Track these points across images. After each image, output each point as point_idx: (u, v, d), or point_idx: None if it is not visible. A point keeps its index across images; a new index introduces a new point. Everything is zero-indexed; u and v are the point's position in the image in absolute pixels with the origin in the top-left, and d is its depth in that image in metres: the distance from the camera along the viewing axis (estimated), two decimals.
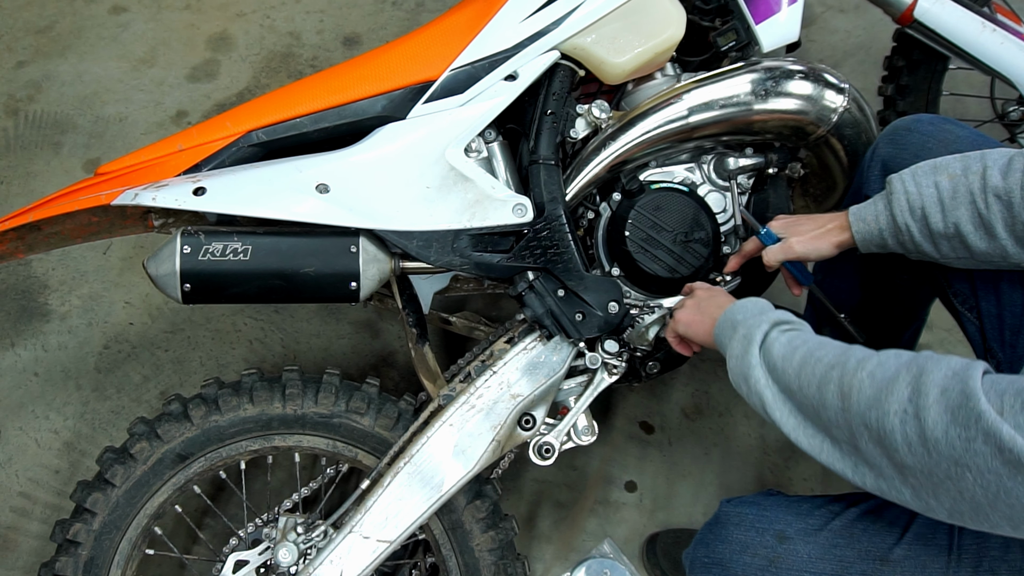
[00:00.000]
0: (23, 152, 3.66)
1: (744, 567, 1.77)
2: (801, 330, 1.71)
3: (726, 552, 1.81)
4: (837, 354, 1.56)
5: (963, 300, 2.12)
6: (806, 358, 1.59)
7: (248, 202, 1.99)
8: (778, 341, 1.66)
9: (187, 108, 3.77)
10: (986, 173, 1.78)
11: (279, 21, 4.00)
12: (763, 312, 1.77)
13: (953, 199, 1.81)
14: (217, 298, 2.05)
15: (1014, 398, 1.31)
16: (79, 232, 2.20)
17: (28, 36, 3.98)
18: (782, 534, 1.77)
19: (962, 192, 1.81)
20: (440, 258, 2.08)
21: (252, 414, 2.27)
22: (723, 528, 1.84)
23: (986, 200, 1.78)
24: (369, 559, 2.11)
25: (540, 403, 2.18)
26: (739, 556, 1.79)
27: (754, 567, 1.77)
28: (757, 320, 1.74)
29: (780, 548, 1.76)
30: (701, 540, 1.88)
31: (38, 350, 3.22)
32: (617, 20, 2.18)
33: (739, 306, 1.83)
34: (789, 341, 1.65)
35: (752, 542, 1.79)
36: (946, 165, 1.86)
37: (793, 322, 1.74)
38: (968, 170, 1.82)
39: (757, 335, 1.70)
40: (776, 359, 1.64)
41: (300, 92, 2.21)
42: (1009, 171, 1.75)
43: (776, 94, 2.15)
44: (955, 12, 2.69)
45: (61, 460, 3.00)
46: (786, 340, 1.65)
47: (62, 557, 2.22)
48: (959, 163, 1.85)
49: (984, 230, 1.80)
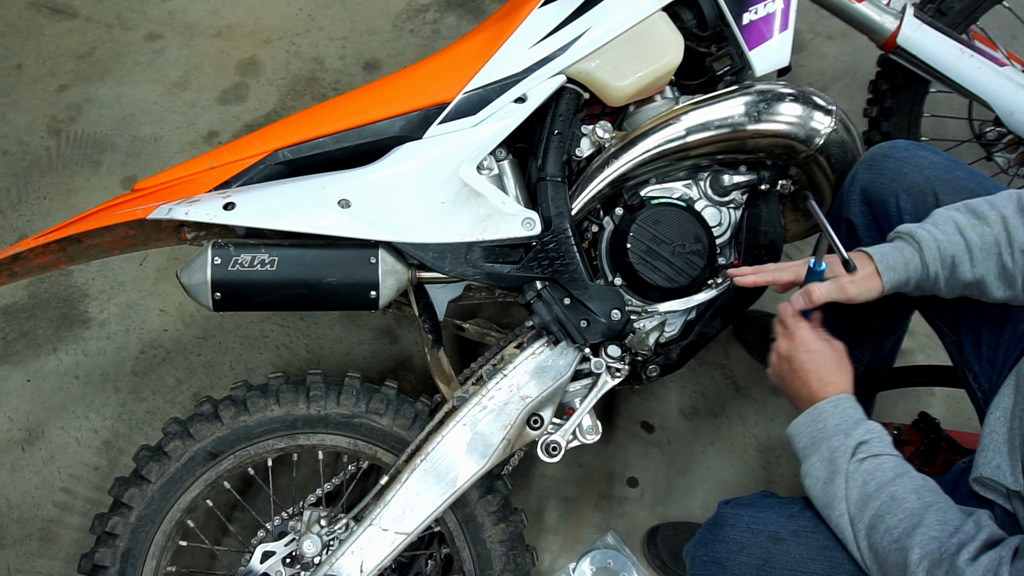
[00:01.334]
0: (65, 170, 3.67)
1: (740, 566, 1.78)
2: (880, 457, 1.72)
3: (723, 552, 1.81)
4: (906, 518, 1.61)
5: (940, 316, 2.12)
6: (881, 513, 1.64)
7: (275, 216, 2.00)
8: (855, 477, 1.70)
9: (218, 129, 3.77)
10: (1008, 225, 1.78)
11: (304, 47, 4.00)
12: (847, 433, 1.76)
13: (983, 250, 1.80)
14: (246, 306, 2.06)
15: None
16: (117, 244, 2.20)
17: (69, 61, 3.99)
18: (776, 535, 1.77)
19: (989, 243, 1.80)
20: (454, 269, 2.08)
21: (278, 414, 2.28)
22: (721, 529, 1.85)
23: (1012, 254, 1.78)
24: (388, 550, 2.11)
25: (547, 404, 2.19)
26: (735, 556, 1.79)
27: (750, 567, 1.77)
28: (842, 443, 1.75)
29: (774, 549, 1.76)
30: (701, 540, 1.88)
31: (79, 355, 3.23)
32: (619, 46, 2.18)
33: (825, 413, 1.82)
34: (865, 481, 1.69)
35: (748, 543, 1.79)
36: (961, 213, 1.85)
37: (872, 441, 1.74)
38: (986, 219, 1.81)
39: (841, 465, 1.72)
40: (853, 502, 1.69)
41: (323, 114, 2.22)
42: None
43: (768, 115, 2.15)
44: (935, 39, 2.69)
45: (100, 458, 3.01)
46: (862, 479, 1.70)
47: (101, 548, 2.22)
48: (969, 211, 1.85)
49: (1005, 280, 1.81)
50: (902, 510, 1.61)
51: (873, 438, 1.73)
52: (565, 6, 2.20)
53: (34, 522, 2.90)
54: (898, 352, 2.68)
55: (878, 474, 1.68)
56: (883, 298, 2.43)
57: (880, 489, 1.65)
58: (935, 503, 1.61)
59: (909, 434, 2.69)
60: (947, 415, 2.81)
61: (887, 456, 1.71)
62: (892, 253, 1.88)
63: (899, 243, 1.90)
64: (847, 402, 1.83)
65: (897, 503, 1.62)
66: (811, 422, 1.82)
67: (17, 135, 3.76)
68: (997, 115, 2.70)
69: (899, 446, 2.67)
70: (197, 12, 4.15)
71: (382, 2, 4.15)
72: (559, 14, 2.20)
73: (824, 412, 1.82)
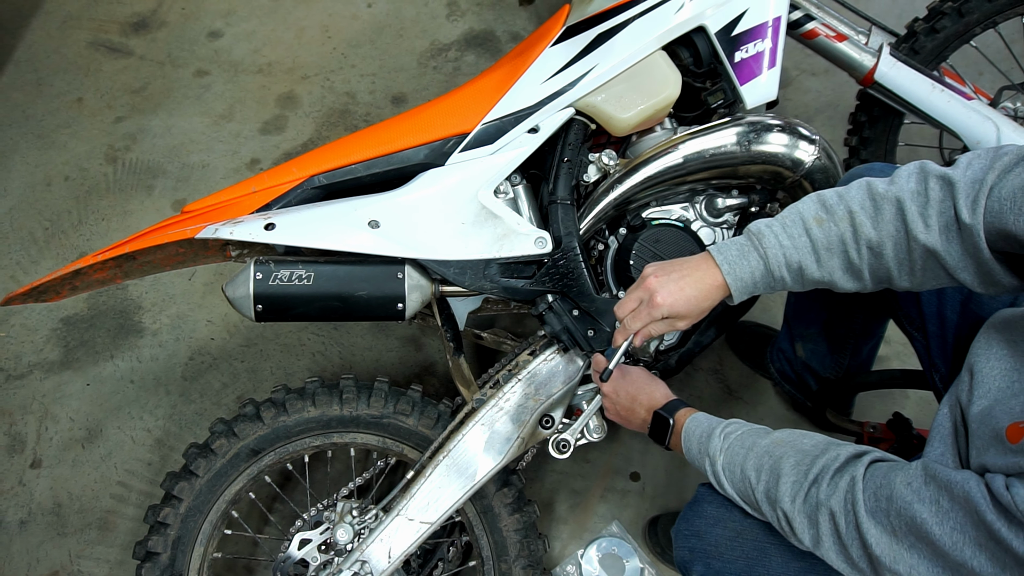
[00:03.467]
0: (121, 194, 3.68)
1: (717, 537, 1.80)
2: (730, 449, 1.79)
3: (702, 525, 1.83)
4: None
5: (911, 322, 2.11)
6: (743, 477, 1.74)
7: (311, 235, 2.00)
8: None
9: (259, 156, 3.78)
10: (854, 220, 1.67)
11: (337, 83, 4.01)
12: (702, 444, 1.86)
13: (828, 249, 1.70)
14: (285, 317, 2.06)
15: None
16: (168, 261, 2.21)
17: (125, 96, 4.01)
18: (745, 511, 1.78)
19: (835, 241, 1.70)
20: (473, 283, 2.09)
21: (314, 415, 2.28)
22: (699, 505, 1.87)
23: (858, 249, 1.67)
24: (413, 538, 2.12)
25: (558, 406, 2.19)
26: (712, 528, 1.81)
27: (725, 537, 1.79)
28: (701, 454, 1.86)
29: (745, 522, 1.78)
30: (683, 516, 1.90)
31: (133, 361, 3.23)
32: (623, 82, 2.19)
33: (687, 435, 1.93)
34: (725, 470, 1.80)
35: (723, 517, 1.81)
36: (810, 209, 1.74)
37: (720, 444, 1.82)
38: (833, 214, 1.70)
39: (708, 469, 1.83)
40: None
41: (355, 143, 2.22)
42: (879, 220, 1.65)
43: (758, 144, 2.15)
44: (909, 75, 2.69)
45: (153, 454, 3.02)
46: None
47: (154, 536, 2.23)
48: (819, 205, 1.73)
49: (852, 274, 1.71)
50: (763, 474, 1.68)
51: (719, 442, 1.82)
52: (574, 45, 2.21)
53: (93, 513, 2.91)
54: (875, 357, 2.68)
55: (735, 460, 1.75)
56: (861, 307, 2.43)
57: (742, 472, 1.72)
58: (785, 453, 1.66)
59: (884, 432, 2.69)
60: (919, 415, 2.79)
61: (734, 443, 1.78)
62: (739, 262, 1.77)
63: (746, 247, 1.77)
64: (692, 423, 1.93)
65: (757, 473, 1.69)
66: (689, 457, 1.92)
67: (78, 162, 3.78)
68: (965, 144, 2.69)
69: (875, 443, 2.69)
70: (241, 51, 4.16)
71: (408, 42, 4.16)
72: (568, 53, 2.21)
73: (685, 443, 1.92)
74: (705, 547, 1.81)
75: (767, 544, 1.74)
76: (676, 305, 1.77)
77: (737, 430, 1.80)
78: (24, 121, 3.93)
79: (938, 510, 1.39)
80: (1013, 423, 1.46)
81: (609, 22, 2.21)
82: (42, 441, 3.06)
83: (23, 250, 3.52)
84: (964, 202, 1.52)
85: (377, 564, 2.12)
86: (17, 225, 3.59)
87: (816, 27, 2.71)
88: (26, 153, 3.82)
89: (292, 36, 4.22)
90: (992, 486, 1.33)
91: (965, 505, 1.35)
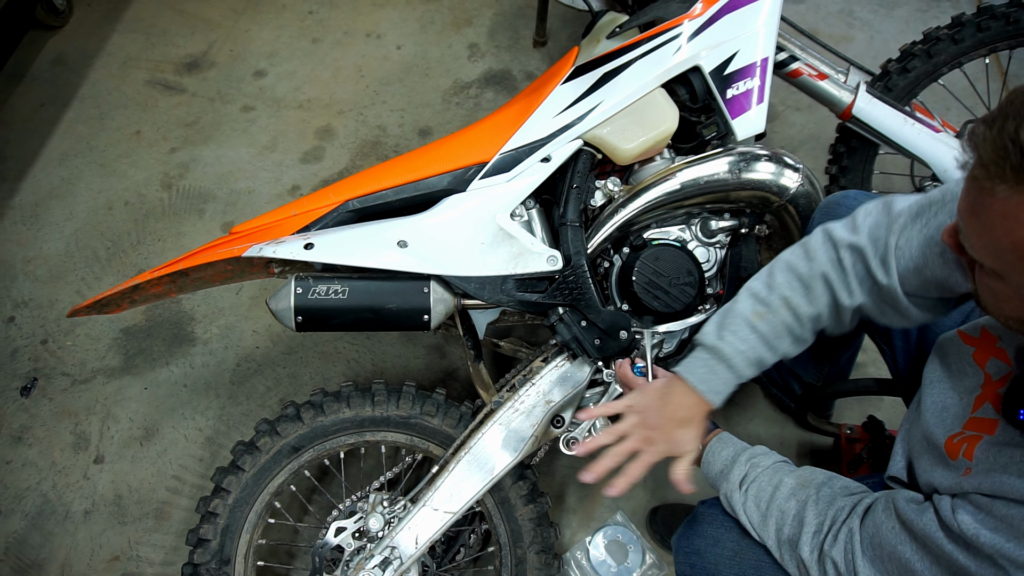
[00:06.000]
0: (175, 217, 3.70)
1: (716, 557, 1.77)
2: (758, 481, 1.73)
3: (702, 544, 1.80)
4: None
5: (880, 336, 2.12)
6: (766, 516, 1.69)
7: (346, 254, 2.01)
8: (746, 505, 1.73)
9: (300, 183, 3.79)
10: (790, 304, 1.74)
11: (370, 117, 4.02)
12: (726, 467, 1.79)
13: (777, 337, 1.76)
14: (322, 327, 2.07)
15: None
16: (217, 277, 2.22)
17: (179, 128, 4.03)
18: (744, 531, 1.76)
19: (779, 330, 1.76)
20: (492, 297, 2.09)
21: (349, 416, 2.29)
22: (699, 525, 1.84)
23: (802, 326, 1.76)
24: (438, 526, 2.12)
25: (568, 407, 2.19)
26: (711, 548, 1.78)
27: (724, 557, 1.76)
28: (722, 475, 1.79)
29: (743, 542, 1.75)
30: (683, 533, 1.88)
31: (186, 367, 3.25)
32: (626, 116, 2.19)
33: (711, 454, 1.85)
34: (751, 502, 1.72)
35: (721, 537, 1.78)
36: (748, 308, 1.79)
37: (748, 471, 1.75)
38: (770, 306, 1.76)
39: (724, 490, 1.77)
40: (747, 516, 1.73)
41: (385, 171, 2.23)
42: (812, 297, 1.73)
43: (747, 172, 2.15)
44: (884, 110, 2.69)
45: (204, 451, 3.03)
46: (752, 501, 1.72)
47: (205, 525, 2.24)
48: (755, 301, 1.79)
49: (801, 343, 1.80)
50: (789, 518, 1.64)
51: (743, 469, 1.76)
52: (582, 83, 2.22)
53: (150, 503, 2.92)
54: (853, 364, 2.68)
55: (761, 496, 1.70)
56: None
57: (768, 509, 1.68)
58: (809, 498, 1.64)
59: (860, 433, 2.69)
60: (892, 417, 2.79)
61: (760, 477, 1.73)
62: (710, 378, 1.79)
63: (710, 362, 1.79)
64: (718, 444, 1.85)
65: (781, 515, 1.65)
66: (708, 475, 1.85)
67: (136, 189, 3.79)
68: (934, 172, 2.69)
69: (851, 443, 2.69)
70: (283, 88, 4.18)
71: (433, 80, 4.17)
72: (577, 90, 2.22)
73: (708, 460, 1.85)
74: (705, 564, 1.79)
75: (763, 563, 1.72)
76: (673, 435, 1.82)
77: (763, 462, 1.76)
78: (88, 152, 3.95)
79: (916, 548, 1.42)
80: (948, 437, 1.48)
81: (614, 62, 2.22)
82: (104, 439, 3.08)
83: (87, 268, 3.54)
84: (876, 266, 1.64)
85: (405, 549, 2.12)
86: (82, 245, 3.61)
87: (800, 67, 2.72)
88: (90, 180, 3.84)
89: (329, 75, 4.24)
90: (942, 514, 1.36)
91: (927, 541, 1.39)
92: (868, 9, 4.30)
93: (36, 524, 2.89)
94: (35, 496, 2.95)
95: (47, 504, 2.93)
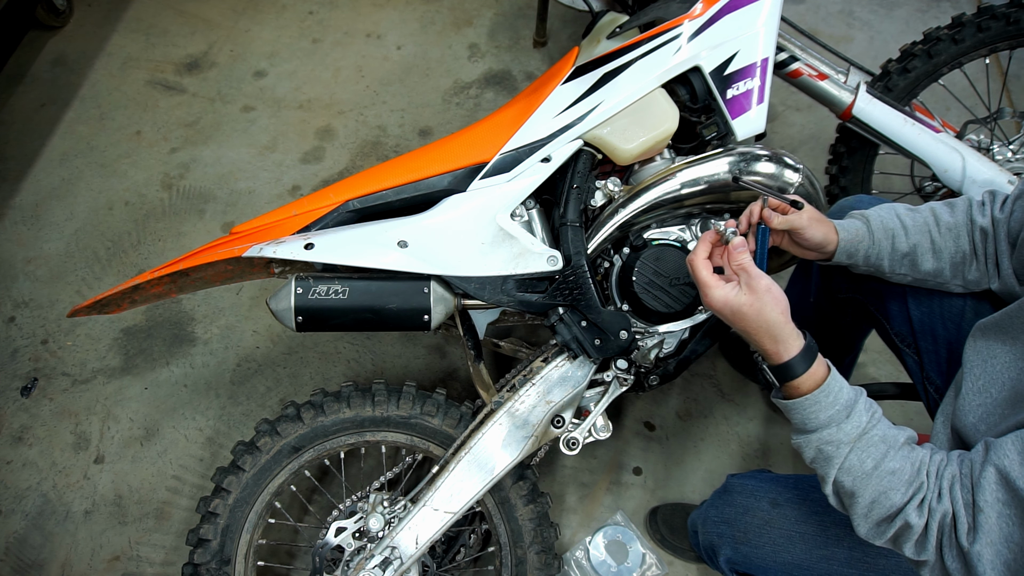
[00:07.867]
0: (175, 217, 3.70)
1: (746, 525, 1.82)
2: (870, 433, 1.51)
3: (732, 513, 1.85)
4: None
5: (902, 339, 2.10)
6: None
7: (346, 254, 2.00)
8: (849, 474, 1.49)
9: (300, 183, 3.79)
10: (935, 211, 1.86)
11: (370, 117, 4.03)
12: (848, 407, 1.52)
13: (915, 228, 1.85)
14: (322, 327, 2.07)
15: None
16: (218, 277, 2.22)
17: (179, 129, 4.03)
18: (775, 501, 1.80)
19: (920, 224, 1.86)
20: (492, 297, 2.09)
21: (349, 416, 2.29)
22: (729, 495, 1.89)
23: (939, 230, 1.84)
24: (438, 526, 2.12)
25: (568, 407, 2.19)
26: (742, 517, 1.83)
27: (754, 525, 1.81)
28: (836, 417, 1.51)
29: (773, 512, 1.79)
30: (712, 503, 1.93)
31: (187, 367, 3.25)
32: (626, 116, 2.19)
33: (818, 405, 1.51)
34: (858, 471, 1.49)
35: (752, 506, 1.83)
36: (894, 206, 1.93)
37: (864, 419, 1.52)
38: (917, 209, 1.89)
39: (835, 459, 1.50)
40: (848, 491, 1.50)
41: (386, 171, 2.23)
42: (954, 211, 1.85)
43: (747, 172, 2.15)
44: (884, 110, 2.69)
45: (204, 451, 3.02)
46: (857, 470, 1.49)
47: (205, 525, 2.24)
48: (905, 207, 1.91)
49: (934, 254, 1.85)
50: (901, 482, 1.44)
51: (865, 419, 1.51)
52: (582, 84, 2.22)
53: (150, 503, 2.92)
54: (854, 367, 2.68)
55: (872, 451, 1.48)
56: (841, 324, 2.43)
57: (876, 467, 1.46)
58: (921, 458, 1.46)
59: None
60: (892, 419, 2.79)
61: (876, 429, 1.51)
62: (846, 222, 1.91)
63: (849, 219, 1.93)
64: (833, 384, 1.52)
65: (896, 476, 1.44)
66: (806, 412, 1.51)
67: (137, 188, 3.79)
68: (934, 172, 2.69)
69: None
70: (283, 89, 4.18)
71: (433, 80, 4.17)
72: (577, 90, 2.21)
73: (819, 397, 1.51)
74: (734, 533, 1.83)
75: (794, 533, 1.75)
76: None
77: (878, 412, 1.55)
78: (88, 152, 3.96)
79: None
80: None
81: (614, 63, 2.22)
82: (105, 439, 3.07)
83: (87, 268, 3.54)
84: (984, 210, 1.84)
85: (406, 549, 2.12)
86: (82, 245, 3.61)
87: (800, 67, 2.72)
88: (90, 181, 3.84)
89: (329, 75, 4.24)
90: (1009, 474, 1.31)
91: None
92: (868, 9, 4.30)
93: (36, 524, 2.88)
94: (35, 496, 2.95)
95: (47, 504, 2.93)
